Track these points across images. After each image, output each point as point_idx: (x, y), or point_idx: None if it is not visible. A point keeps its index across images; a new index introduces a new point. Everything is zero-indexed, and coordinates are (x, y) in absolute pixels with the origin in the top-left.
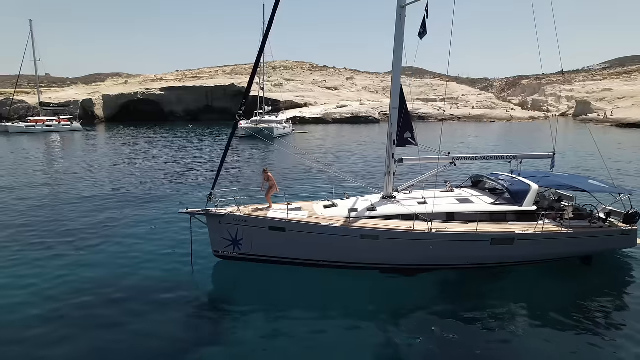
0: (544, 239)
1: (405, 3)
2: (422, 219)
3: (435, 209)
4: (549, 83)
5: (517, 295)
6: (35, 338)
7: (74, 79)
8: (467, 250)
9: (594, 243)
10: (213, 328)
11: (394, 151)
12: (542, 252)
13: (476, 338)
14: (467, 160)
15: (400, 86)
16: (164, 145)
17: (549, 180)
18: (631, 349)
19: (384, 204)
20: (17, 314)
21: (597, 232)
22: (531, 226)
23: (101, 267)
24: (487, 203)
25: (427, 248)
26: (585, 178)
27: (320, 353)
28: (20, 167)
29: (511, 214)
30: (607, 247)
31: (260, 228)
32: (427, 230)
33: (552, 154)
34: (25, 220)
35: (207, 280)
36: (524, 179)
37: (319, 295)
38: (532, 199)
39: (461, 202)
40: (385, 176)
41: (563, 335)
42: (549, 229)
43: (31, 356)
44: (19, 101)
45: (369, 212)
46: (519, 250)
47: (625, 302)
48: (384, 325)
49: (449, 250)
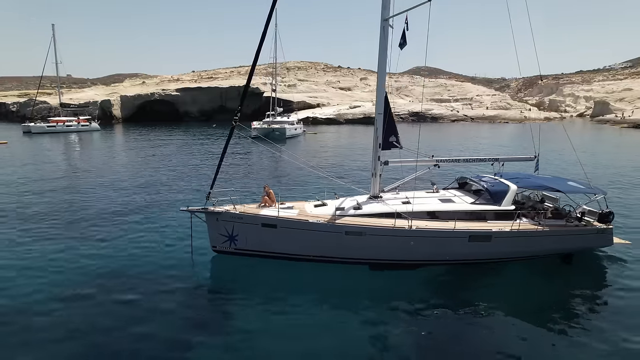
0: (520, 237)
1: (388, 16)
2: (404, 217)
3: (417, 208)
4: (567, 83)
5: (500, 291)
6: (42, 324)
7: (94, 80)
8: (446, 246)
9: (569, 241)
10: (209, 315)
11: (379, 154)
12: (519, 250)
13: (458, 332)
14: (450, 162)
15: (384, 93)
16: (177, 145)
17: (529, 181)
18: (600, 345)
19: (370, 203)
20: (33, 296)
21: (573, 231)
22: (509, 224)
23: (109, 258)
24: (467, 203)
25: (408, 244)
26: (564, 180)
27: (308, 340)
28: (41, 165)
29: (490, 212)
30: (584, 245)
31: (254, 225)
32: (407, 227)
33: (534, 156)
34: (39, 210)
35: (205, 272)
36: (505, 180)
37: (309, 288)
38: (511, 199)
39: (443, 201)
40: (372, 177)
41: (540, 331)
42: (526, 227)
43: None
44: (42, 102)
45: (354, 210)
46: (497, 247)
47: (601, 300)
48: (370, 317)
49: (429, 247)
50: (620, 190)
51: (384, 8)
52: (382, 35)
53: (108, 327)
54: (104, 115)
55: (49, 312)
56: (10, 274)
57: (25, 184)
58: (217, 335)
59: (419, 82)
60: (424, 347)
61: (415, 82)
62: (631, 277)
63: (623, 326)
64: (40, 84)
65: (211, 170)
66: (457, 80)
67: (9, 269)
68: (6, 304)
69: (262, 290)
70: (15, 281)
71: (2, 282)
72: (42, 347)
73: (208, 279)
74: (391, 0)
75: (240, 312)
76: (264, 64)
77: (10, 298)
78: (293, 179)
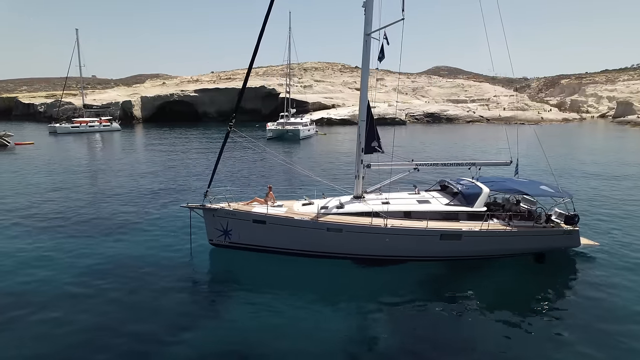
0: (488, 237)
1: (370, 31)
2: (381, 216)
3: (395, 208)
4: (590, 83)
5: (476, 288)
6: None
7: (117, 80)
8: (419, 244)
9: (537, 241)
10: (204, 301)
11: (362, 157)
12: (489, 248)
13: (435, 325)
14: (430, 166)
15: (367, 102)
16: (192, 145)
17: (502, 185)
18: (566, 341)
19: (351, 203)
20: (46, 283)
21: (540, 232)
22: (479, 225)
23: (117, 248)
24: (442, 204)
25: (383, 241)
26: (538, 184)
27: (293, 327)
28: (61, 165)
29: (463, 213)
30: (551, 245)
31: (246, 221)
32: (383, 225)
33: (510, 161)
34: (53, 206)
35: (202, 263)
36: (480, 183)
37: (295, 280)
38: (483, 201)
39: (420, 202)
40: (355, 179)
41: (510, 324)
42: (495, 228)
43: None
44: (67, 103)
45: (337, 209)
46: (467, 245)
47: (568, 296)
48: (352, 308)
49: (403, 244)
50: (586, 193)
51: (366, 24)
52: (365, 48)
53: (113, 306)
54: (125, 115)
55: (49, 304)
56: (20, 263)
57: (41, 184)
58: (206, 316)
59: (435, 83)
60: (401, 338)
61: (432, 82)
62: (597, 275)
63: (587, 321)
64: (67, 85)
65: (221, 169)
66: (475, 80)
67: (14, 258)
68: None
69: (253, 280)
70: (32, 266)
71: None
72: (42, 338)
73: (204, 268)
74: (374, 17)
75: (230, 299)
76: (280, 65)
77: (19, 285)
78: (290, 179)
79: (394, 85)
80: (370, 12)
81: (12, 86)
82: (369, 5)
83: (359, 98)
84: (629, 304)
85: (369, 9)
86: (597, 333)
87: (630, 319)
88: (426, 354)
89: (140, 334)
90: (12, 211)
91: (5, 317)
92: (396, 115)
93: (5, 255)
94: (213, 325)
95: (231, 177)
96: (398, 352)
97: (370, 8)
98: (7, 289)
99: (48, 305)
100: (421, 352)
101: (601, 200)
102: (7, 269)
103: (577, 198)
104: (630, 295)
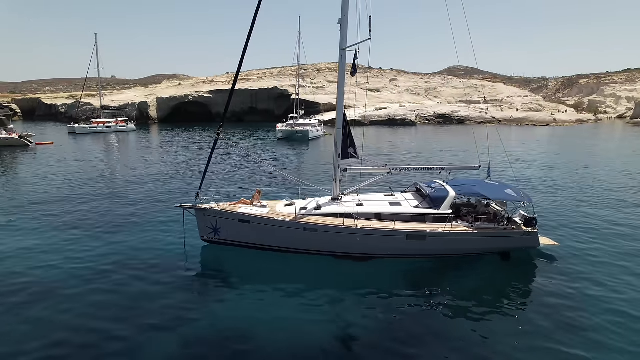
0: (451, 237)
1: (346, 47)
2: (353, 217)
3: (367, 210)
4: (609, 82)
5: (447, 283)
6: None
7: (135, 81)
8: (387, 243)
9: (498, 242)
10: (196, 290)
11: (339, 162)
12: (452, 248)
13: (406, 318)
14: (403, 170)
15: (343, 112)
16: (203, 145)
17: (467, 188)
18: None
19: (328, 204)
20: (54, 271)
21: (500, 233)
22: (442, 226)
23: (117, 242)
24: (412, 206)
25: (355, 240)
26: (504, 187)
27: (276, 315)
28: (78, 164)
29: (429, 215)
30: (512, 245)
31: (232, 220)
32: (354, 226)
33: (479, 166)
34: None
35: (194, 257)
36: (448, 186)
37: (279, 273)
38: (449, 204)
39: (391, 204)
40: (333, 182)
41: (475, 318)
42: (458, 229)
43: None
44: (86, 104)
45: (315, 210)
46: (431, 245)
47: (527, 291)
48: (334, 301)
49: (373, 243)
50: (546, 195)
51: (341, 39)
52: (341, 62)
53: (111, 296)
54: (142, 116)
55: (49, 295)
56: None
57: (53, 182)
58: (198, 303)
59: (449, 83)
60: (374, 328)
61: (445, 83)
62: (555, 272)
63: (546, 312)
64: (88, 85)
65: (212, 173)
66: (490, 80)
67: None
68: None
69: (240, 273)
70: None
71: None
72: (42, 330)
73: (196, 262)
74: (347, 35)
75: (220, 290)
76: (293, 66)
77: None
78: (274, 181)
79: (407, 85)
80: (345, 29)
81: (36, 87)
82: (343, 23)
83: (336, 108)
84: (585, 297)
85: (344, 26)
86: (556, 322)
87: (586, 311)
88: (397, 344)
89: (134, 321)
90: (18, 207)
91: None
92: (406, 117)
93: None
94: (203, 312)
95: (221, 179)
96: (371, 341)
97: (345, 25)
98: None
99: (48, 293)
100: (393, 341)
101: (562, 203)
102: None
103: (544, 201)
104: (584, 287)
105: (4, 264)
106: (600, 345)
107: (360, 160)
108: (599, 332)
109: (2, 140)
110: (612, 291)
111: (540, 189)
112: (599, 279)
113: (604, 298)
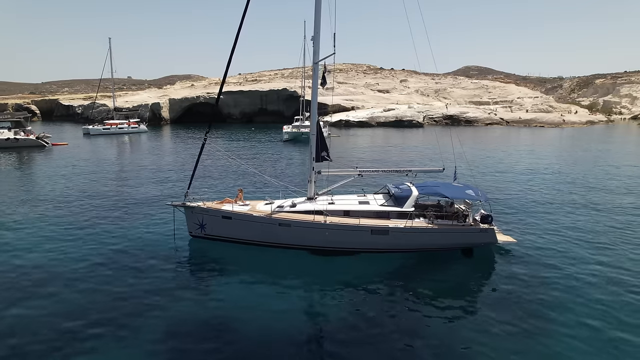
0: (411, 232)
1: (318, 60)
2: (323, 214)
3: (337, 208)
4: (625, 82)
5: (413, 276)
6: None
7: (151, 82)
8: (354, 237)
9: (456, 238)
10: (185, 282)
11: (313, 165)
12: (413, 242)
13: (374, 309)
14: (372, 173)
15: (317, 118)
16: (210, 146)
17: (430, 189)
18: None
19: (302, 203)
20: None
21: (458, 230)
22: (404, 222)
23: (114, 236)
24: (378, 204)
25: (324, 234)
26: (464, 188)
27: (256, 301)
28: (89, 164)
29: (393, 212)
30: (470, 241)
31: (216, 217)
32: (322, 221)
33: (443, 168)
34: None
35: (183, 251)
36: (413, 187)
37: (261, 264)
38: (412, 202)
39: (360, 203)
40: (308, 183)
41: (437, 311)
42: (418, 225)
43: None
44: (101, 105)
45: (290, 208)
46: (394, 239)
47: (487, 284)
48: (309, 290)
49: (341, 237)
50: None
51: (315, 53)
52: (315, 73)
53: (107, 287)
54: (154, 116)
55: (48, 289)
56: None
57: (64, 181)
58: (187, 293)
59: (459, 84)
60: (344, 317)
61: (455, 83)
62: (512, 264)
63: (504, 307)
64: (104, 86)
65: (215, 173)
66: (502, 81)
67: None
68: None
69: (224, 265)
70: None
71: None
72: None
73: (185, 255)
74: (320, 49)
75: (207, 281)
76: (299, 67)
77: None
78: (258, 182)
79: (417, 86)
80: (318, 44)
81: (55, 88)
82: (316, 39)
83: (310, 118)
84: (539, 289)
85: (316, 41)
86: (511, 312)
87: (540, 302)
88: (357, 332)
89: (126, 308)
90: (26, 203)
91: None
92: (413, 118)
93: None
94: (188, 300)
95: (209, 180)
96: (341, 328)
97: (318, 41)
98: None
99: (48, 280)
100: (352, 330)
101: (520, 201)
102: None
103: (501, 200)
104: (539, 275)
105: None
106: (555, 323)
107: (330, 164)
108: (554, 310)
109: (21, 141)
110: (564, 277)
111: (506, 191)
112: (552, 269)
113: (556, 284)
